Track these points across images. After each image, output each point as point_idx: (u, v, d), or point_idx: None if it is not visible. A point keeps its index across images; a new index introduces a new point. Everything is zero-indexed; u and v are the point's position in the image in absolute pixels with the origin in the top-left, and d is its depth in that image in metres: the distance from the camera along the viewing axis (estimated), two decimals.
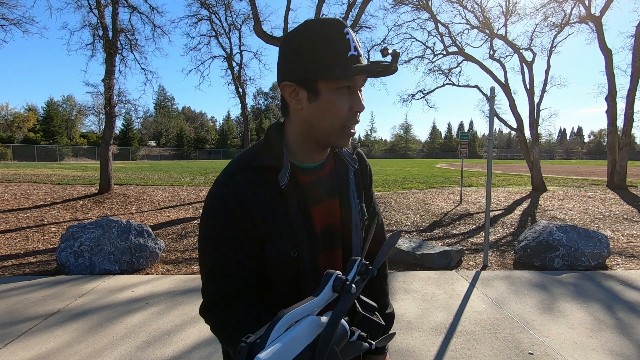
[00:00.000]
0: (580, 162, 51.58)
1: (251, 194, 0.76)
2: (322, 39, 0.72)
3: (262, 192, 0.77)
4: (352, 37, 0.73)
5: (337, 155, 0.90)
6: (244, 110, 12.21)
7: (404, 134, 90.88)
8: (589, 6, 12.17)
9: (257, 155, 0.80)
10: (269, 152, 0.80)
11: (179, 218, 7.40)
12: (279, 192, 0.78)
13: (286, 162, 0.79)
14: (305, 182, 0.83)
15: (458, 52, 13.43)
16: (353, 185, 0.90)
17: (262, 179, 0.78)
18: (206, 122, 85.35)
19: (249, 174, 0.78)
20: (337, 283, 0.57)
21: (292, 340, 0.52)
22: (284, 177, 0.78)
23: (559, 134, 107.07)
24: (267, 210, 0.77)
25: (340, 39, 0.72)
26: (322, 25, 0.73)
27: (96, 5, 9.11)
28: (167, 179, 14.80)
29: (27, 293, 3.69)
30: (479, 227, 6.92)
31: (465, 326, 3.04)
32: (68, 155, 43.36)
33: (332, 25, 0.73)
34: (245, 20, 12.23)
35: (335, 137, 0.78)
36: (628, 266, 4.79)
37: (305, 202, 0.81)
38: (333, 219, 0.86)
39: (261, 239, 0.77)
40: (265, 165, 0.78)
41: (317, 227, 0.83)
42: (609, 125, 12.54)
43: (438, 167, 29.93)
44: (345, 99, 0.75)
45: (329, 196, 0.86)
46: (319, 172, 0.86)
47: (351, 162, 0.91)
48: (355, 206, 0.89)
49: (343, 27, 0.73)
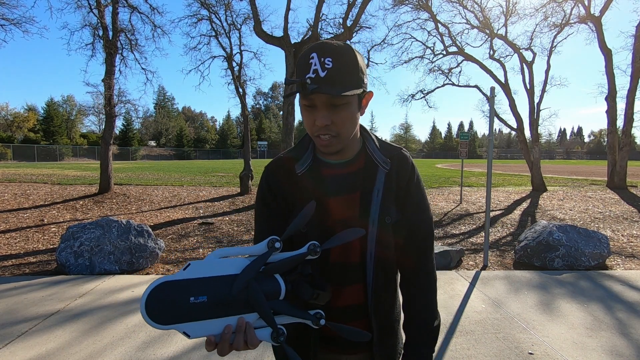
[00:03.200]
0: (580, 162, 51.58)
1: (276, 179, 0.97)
2: (298, 64, 0.87)
3: (284, 177, 0.96)
4: (315, 61, 0.82)
5: (368, 156, 0.98)
6: (244, 110, 12.21)
7: (404, 134, 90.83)
8: (589, 6, 12.17)
9: (290, 150, 1.00)
10: (297, 147, 1.00)
11: (179, 218, 7.40)
12: (296, 179, 0.94)
13: (308, 155, 0.96)
14: (327, 175, 0.96)
15: (458, 52, 13.42)
16: (380, 185, 0.95)
17: (286, 167, 0.97)
18: (206, 122, 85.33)
19: (279, 162, 0.99)
20: (270, 242, 0.73)
21: (220, 263, 0.70)
22: (301, 166, 0.95)
23: (559, 134, 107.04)
24: (287, 192, 0.95)
25: (305, 64, 0.83)
26: (304, 52, 0.86)
27: (96, 5, 9.11)
28: (167, 179, 14.80)
29: (27, 293, 3.68)
30: (479, 227, 6.92)
31: (465, 326, 3.04)
32: (68, 155, 43.35)
33: (307, 51, 0.85)
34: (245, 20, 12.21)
35: (316, 144, 0.93)
36: (628, 266, 4.79)
37: (323, 191, 0.94)
38: (351, 211, 0.94)
39: (286, 215, 0.95)
40: (289, 156, 0.98)
41: (334, 215, 0.93)
42: (609, 125, 12.54)
43: (438, 167, 29.93)
44: (309, 114, 0.88)
45: (350, 191, 0.95)
46: (344, 169, 0.97)
47: (382, 164, 0.97)
48: (375, 203, 0.94)
49: (311, 53, 0.83)
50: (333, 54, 0.82)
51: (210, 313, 0.67)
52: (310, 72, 0.81)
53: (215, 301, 0.68)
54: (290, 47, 9.26)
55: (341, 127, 0.88)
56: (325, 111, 0.85)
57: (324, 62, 0.81)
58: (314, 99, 0.85)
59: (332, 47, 0.84)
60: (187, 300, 0.66)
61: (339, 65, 0.82)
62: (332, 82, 0.81)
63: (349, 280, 0.95)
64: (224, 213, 7.96)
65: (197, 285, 0.67)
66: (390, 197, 0.96)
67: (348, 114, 0.87)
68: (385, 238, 0.95)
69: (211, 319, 0.68)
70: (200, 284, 0.67)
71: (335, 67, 0.81)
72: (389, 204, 0.95)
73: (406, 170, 0.99)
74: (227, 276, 0.70)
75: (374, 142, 1.00)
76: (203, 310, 0.67)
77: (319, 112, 0.86)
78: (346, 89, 0.82)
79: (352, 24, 9.29)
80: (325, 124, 0.85)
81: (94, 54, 9.73)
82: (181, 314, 0.66)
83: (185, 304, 0.66)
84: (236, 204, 9.01)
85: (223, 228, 6.75)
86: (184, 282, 0.66)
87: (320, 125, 0.86)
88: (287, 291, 0.75)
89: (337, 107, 0.86)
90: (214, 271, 0.69)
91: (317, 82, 0.81)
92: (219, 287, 0.68)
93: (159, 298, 0.65)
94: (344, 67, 0.83)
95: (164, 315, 0.65)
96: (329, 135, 0.88)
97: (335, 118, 0.86)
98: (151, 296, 0.64)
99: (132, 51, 10.15)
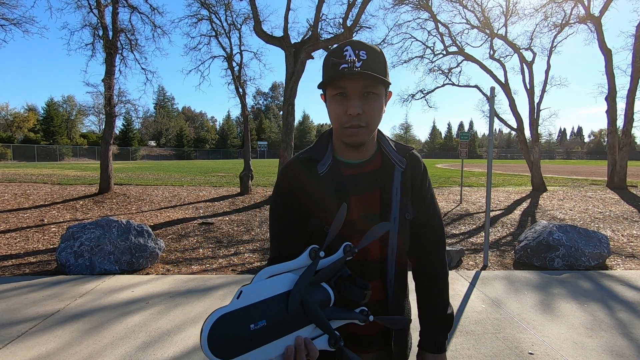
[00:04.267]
0: (580, 162, 51.58)
1: (297, 179, 0.98)
2: (328, 56, 0.90)
3: (305, 177, 0.97)
4: (350, 52, 0.86)
5: (385, 156, 1.02)
6: (244, 110, 12.21)
7: (404, 134, 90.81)
8: (589, 6, 12.17)
9: (307, 151, 1.01)
10: (315, 148, 1.01)
11: (179, 218, 7.39)
12: (318, 179, 0.96)
13: (328, 156, 0.98)
14: (347, 174, 0.98)
15: (458, 52, 13.42)
16: (398, 183, 0.99)
17: (308, 168, 0.98)
18: (206, 122, 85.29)
19: (298, 164, 1.00)
20: (312, 252, 0.75)
21: (270, 283, 0.70)
22: (322, 167, 0.96)
23: (559, 134, 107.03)
24: (309, 192, 0.96)
25: (339, 55, 0.87)
26: (334, 48, 0.90)
27: (96, 5, 9.11)
28: (167, 179, 14.80)
29: (27, 293, 3.68)
30: (479, 227, 6.92)
31: (465, 326, 3.04)
32: (68, 155, 43.35)
33: (339, 46, 0.89)
34: (245, 20, 12.21)
35: (342, 136, 0.94)
36: (628, 266, 4.79)
37: (344, 190, 0.96)
38: (372, 209, 0.97)
39: (306, 215, 0.96)
40: (308, 157, 0.99)
41: (355, 214, 0.95)
42: (609, 125, 12.54)
43: (438, 167, 29.92)
44: (339, 104, 0.89)
45: (370, 189, 0.98)
46: (363, 168, 0.99)
47: (398, 163, 1.01)
48: (395, 201, 0.98)
49: (344, 47, 0.87)
50: (367, 48, 0.87)
51: (272, 336, 0.68)
52: (345, 63, 0.85)
53: (275, 323, 0.68)
54: (290, 47, 9.25)
55: (371, 118, 0.90)
56: (357, 100, 0.88)
57: (359, 54, 0.86)
58: (347, 87, 0.87)
59: (364, 43, 0.89)
60: (248, 328, 0.66)
61: (373, 58, 0.87)
62: (366, 69, 0.85)
63: (369, 277, 0.97)
64: (224, 213, 7.96)
65: (255, 310, 0.67)
66: (407, 195, 1.00)
67: (378, 104, 0.91)
68: (405, 234, 1.00)
69: (273, 341, 0.68)
70: (258, 308, 0.67)
71: (369, 59, 0.86)
72: (406, 201, 1.00)
73: (420, 170, 1.06)
74: (280, 295, 0.71)
75: (389, 142, 1.04)
76: (265, 335, 0.67)
77: (350, 101, 0.88)
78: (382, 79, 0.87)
79: (352, 24, 9.28)
80: (357, 113, 0.87)
81: (94, 54, 9.74)
82: (245, 344, 0.65)
83: (247, 332, 0.65)
84: (236, 204, 9.01)
85: (223, 228, 6.75)
86: (242, 310, 0.66)
87: (352, 114, 0.88)
88: (335, 296, 0.77)
89: (369, 96, 0.88)
90: (267, 292, 0.69)
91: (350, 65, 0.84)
92: (276, 308, 0.69)
93: (221, 332, 0.63)
94: (377, 60, 0.88)
95: (229, 348, 0.64)
96: (359, 124, 0.89)
97: (367, 107, 0.89)
98: (213, 332, 0.63)
99: (132, 51, 10.15)
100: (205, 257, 5.15)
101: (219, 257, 5.16)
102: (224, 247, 5.64)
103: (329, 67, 0.89)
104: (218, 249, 5.57)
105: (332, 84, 0.88)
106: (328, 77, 0.88)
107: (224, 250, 5.49)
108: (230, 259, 5.07)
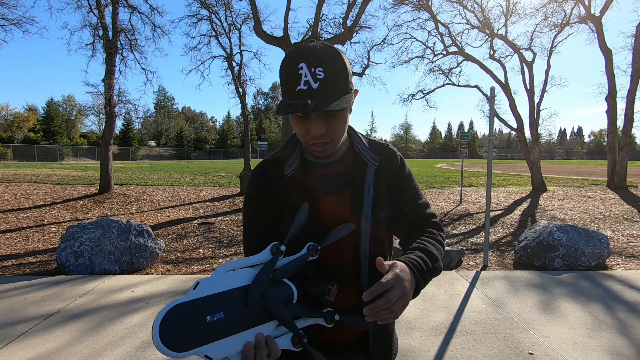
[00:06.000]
0: (580, 162, 51.58)
1: (267, 181, 0.95)
2: (283, 73, 0.82)
3: (274, 178, 0.94)
4: (305, 72, 0.77)
5: (357, 154, 0.97)
6: (244, 110, 12.21)
7: (404, 134, 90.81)
8: (589, 6, 12.17)
9: (277, 152, 0.98)
10: (285, 148, 0.97)
11: (179, 218, 7.39)
12: (286, 180, 0.92)
13: (296, 156, 0.94)
14: (317, 175, 0.94)
15: (458, 52, 13.42)
16: (370, 182, 0.94)
17: (275, 169, 0.95)
18: (206, 122, 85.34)
19: (267, 164, 0.97)
20: (273, 247, 0.74)
21: (229, 276, 0.68)
22: (289, 168, 0.92)
23: (559, 134, 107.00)
24: (277, 193, 0.93)
25: (293, 75, 0.79)
26: (287, 60, 0.81)
27: (96, 5, 9.10)
28: (167, 179, 14.80)
29: (27, 293, 3.68)
30: (479, 227, 6.92)
31: (465, 326, 3.04)
32: (68, 155, 43.34)
33: (292, 59, 0.80)
34: (245, 20, 12.22)
35: (308, 150, 0.93)
36: (628, 266, 4.79)
37: (313, 192, 0.92)
38: (343, 210, 0.93)
39: (279, 216, 0.93)
40: (276, 158, 0.96)
41: (326, 215, 0.92)
42: (609, 125, 12.54)
43: (438, 167, 29.92)
44: (301, 124, 0.85)
45: (341, 190, 0.94)
46: (333, 168, 0.96)
47: (371, 161, 0.96)
48: (367, 200, 0.93)
49: (298, 63, 0.78)
50: (323, 63, 0.78)
51: (230, 329, 0.65)
52: (301, 84, 0.78)
53: (233, 316, 0.66)
54: (291, 47, 9.25)
55: (335, 134, 0.86)
56: (320, 121, 0.83)
57: (315, 73, 0.77)
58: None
59: (320, 55, 0.79)
60: (204, 320, 0.62)
61: (331, 74, 0.79)
62: (326, 93, 0.78)
63: (343, 281, 0.89)
64: (224, 213, 7.96)
65: (212, 302, 0.64)
66: (382, 193, 0.95)
67: (342, 119, 0.86)
68: (379, 234, 0.94)
69: (230, 336, 0.65)
70: (215, 300, 0.65)
71: (327, 77, 0.78)
72: (381, 200, 0.95)
73: (395, 165, 1.00)
74: (239, 288, 0.68)
75: (361, 139, 0.99)
76: (222, 328, 0.64)
77: (312, 123, 0.83)
78: (341, 99, 0.80)
79: (352, 24, 9.29)
80: (320, 134, 0.83)
81: (94, 54, 9.74)
82: (200, 336, 0.62)
83: (203, 324, 0.62)
84: (236, 204, 9.00)
85: (223, 228, 6.75)
86: (198, 301, 0.63)
87: (315, 135, 0.83)
88: (299, 293, 0.74)
89: (332, 116, 0.83)
90: (225, 285, 0.67)
91: (311, 94, 0.77)
92: (234, 301, 0.67)
93: (174, 324, 0.60)
94: (336, 75, 0.80)
95: (182, 340, 0.60)
96: (323, 142, 0.85)
97: (330, 126, 0.84)
98: (165, 323, 0.59)
99: (132, 51, 10.16)
100: (205, 257, 5.15)
101: (219, 257, 5.16)
102: (224, 247, 5.64)
103: (286, 88, 0.81)
104: (218, 249, 5.57)
105: None
106: (286, 104, 0.80)
107: (224, 250, 5.49)
108: (230, 259, 5.07)
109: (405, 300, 0.74)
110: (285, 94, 0.83)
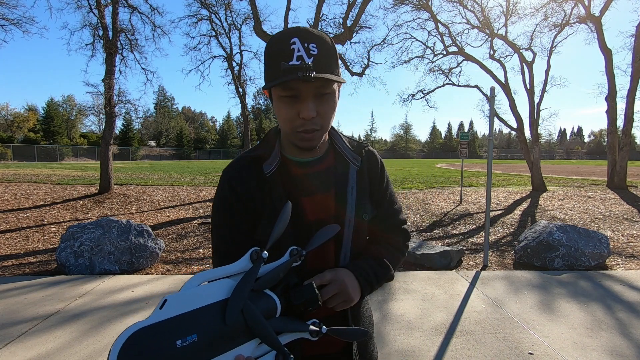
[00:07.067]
0: (580, 162, 51.56)
1: (242, 182, 0.87)
2: (272, 50, 0.77)
3: (250, 178, 0.87)
4: (298, 46, 0.74)
5: (338, 153, 0.93)
6: (244, 110, 12.22)
7: (404, 134, 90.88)
8: (589, 6, 12.17)
9: (253, 149, 0.91)
10: (262, 145, 0.91)
11: (179, 218, 7.39)
12: (265, 180, 0.86)
13: (275, 154, 0.88)
14: (298, 174, 0.89)
15: (458, 52, 13.42)
16: (353, 183, 0.91)
17: (252, 167, 0.87)
18: (206, 122, 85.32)
19: (242, 162, 0.89)
20: (253, 254, 0.65)
21: (203, 290, 0.58)
22: (269, 166, 0.86)
23: (559, 134, 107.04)
24: (254, 194, 0.86)
25: (285, 50, 0.74)
26: (277, 37, 0.78)
27: (96, 5, 9.11)
28: (167, 179, 14.80)
29: (27, 293, 3.68)
30: (479, 227, 6.92)
31: (465, 326, 3.04)
32: (68, 155, 43.36)
33: (283, 35, 0.76)
34: (245, 20, 12.24)
35: (293, 139, 0.84)
36: (628, 266, 4.79)
37: (295, 192, 0.87)
38: (326, 212, 0.89)
39: (255, 218, 0.86)
40: (254, 155, 0.88)
41: (308, 217, 0.87)
42: (609, 125, 12.53)
43: (438, 167, 29.92)
44: (290, 106, 0.78)
45: (323, 190, 0.89)
46: (314, 167, 0.90)
47: (353, 161, 0.93)
48: (351, 202, 0.90)
49: (290, 38, 0.74)
50: (316, 40, 0.76)
51: (204, 355, 0.55)
52: (294, 59, 0.73)
53: (208, 337, 0.56)
54: None
55: (325, 120, 0.81)
56: (311, 102, 0.77)
57: (308, 48, 0.74)
58: (298, 88, 0.76)
59: (314, 33, 0.77)
60: (174, 345, 0.52)
61: (324, 52, 0.76)
62: (319, 69, 0.74)
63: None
64: None
65: (183, 322, 0.54)
66: (364, 194, 0.93)
67: (333, 104, 0.81)
68: (362, 236, 0.93)
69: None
70: (186, 320, 0.55)
71: (320, 54, 0.75)
72: (364, 201, 0.92)
73: (377, 167, 0.99)
74: (215, 304, 0.59)
75: (342, 138, 0.96)
76: (195, 354, 0.54)
77: (303, 103, 0.77)
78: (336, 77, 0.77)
79: (352, 24, 9.29)
80: (312, 116, 0.77)
81: (94, 54, 9.75)
82: None
83: (172, 350, 0.52)
84: None
85: None
86: (166, 322, 0.53)
87: (306, 118, 0.77)
88: (282, 305, 0.67)
89: (323, 96, 0.78)
90: (199, 301, 0.57)
91: (304, 70, 0.72)
92: (210, 319, 0.57)
93: (136, 352, 0.50)
94: (328, 54, 0.77)
95: None
96: (313, 128, 0.80)
97: (321, 109, 0.79)
98: (125, 352, 0.49)
99: (132, 51, 10.16)
100: (205, 257, 5.15)
101: None
102: None
103: (275, 64, 0.76)
104: None
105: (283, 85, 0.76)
106: (278, 78, 0.75)
107: None
108: None
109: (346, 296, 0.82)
110: (274, 73, 0.77)
